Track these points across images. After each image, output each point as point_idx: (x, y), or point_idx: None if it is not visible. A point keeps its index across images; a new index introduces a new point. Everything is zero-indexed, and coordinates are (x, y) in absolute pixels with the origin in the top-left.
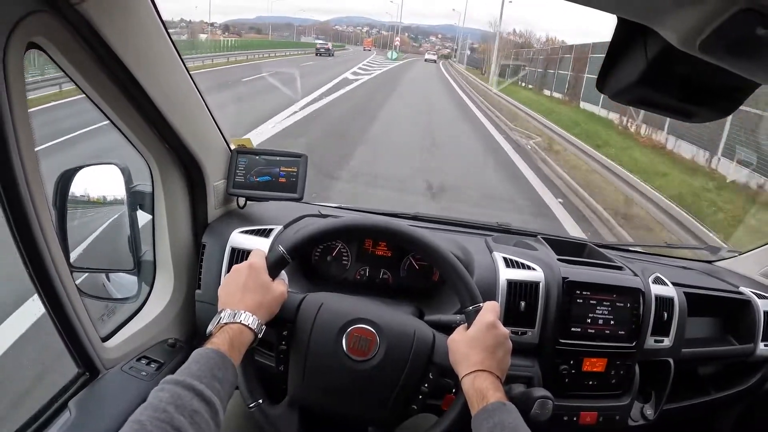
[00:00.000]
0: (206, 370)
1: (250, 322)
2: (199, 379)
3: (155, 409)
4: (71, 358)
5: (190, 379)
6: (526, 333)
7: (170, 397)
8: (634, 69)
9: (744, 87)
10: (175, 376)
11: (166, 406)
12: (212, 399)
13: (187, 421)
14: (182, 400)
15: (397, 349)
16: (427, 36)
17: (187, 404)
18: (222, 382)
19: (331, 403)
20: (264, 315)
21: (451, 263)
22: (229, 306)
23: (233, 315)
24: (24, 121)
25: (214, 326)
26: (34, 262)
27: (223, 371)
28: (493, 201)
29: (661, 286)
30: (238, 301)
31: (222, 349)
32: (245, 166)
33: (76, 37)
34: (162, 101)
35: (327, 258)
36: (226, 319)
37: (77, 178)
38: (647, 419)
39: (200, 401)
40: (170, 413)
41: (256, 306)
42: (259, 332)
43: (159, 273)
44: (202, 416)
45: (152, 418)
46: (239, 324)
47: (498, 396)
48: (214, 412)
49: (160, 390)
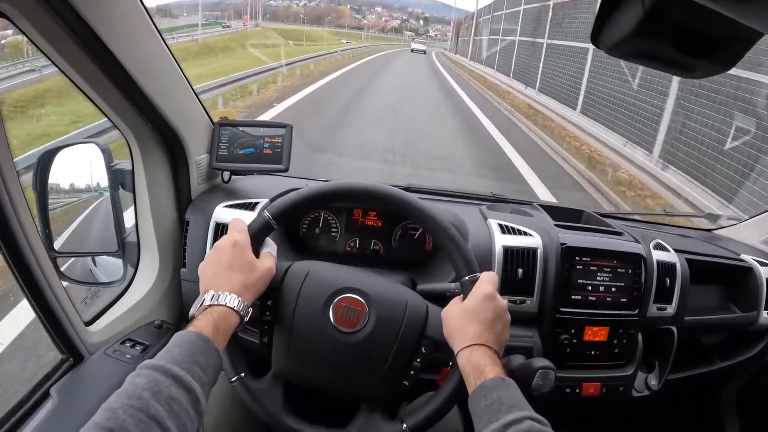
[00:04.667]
0: (187, 355)
1: (236, 305)
2: (179, 364)
3: (130, 396)
4: (53, 343)
5: (169, 365)
6: (525, 302)
7: (147, 383)
8: (630, 19)
9: (746, 37)
10: (153, 361)
11: (141, 392)
12: (192, 385)
13: (164, 408)
14: (159, 386)
15: (388, 320)
16: (373, 7)
17: (165, 391)
18: (204, 368)
19: (318, 378)
20: (250, 296)
21: (446, 229)
22: (212, 287)
23: (217, 297)
24: None
25: (196, 309)
26: (9, 247)
27: (205, 356)
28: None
29: (663, 252)
30: (223, 282)
31: (205, 333)
32: (228, 138)
33: (44, 5)
34: (138, 72)
35: (315, 230)
36: (210, 301)
37: (57, 159)
38: (651, 389)
39: (179, 388)
40: (146, 400)
41: (241, 287)
42: (245, 315)
43: (143, 253)
44: (180, 404)
45: (126, 405)
46: (224, 306)
47: (496, 371)
48: (194, 399)
49: (136, 375)
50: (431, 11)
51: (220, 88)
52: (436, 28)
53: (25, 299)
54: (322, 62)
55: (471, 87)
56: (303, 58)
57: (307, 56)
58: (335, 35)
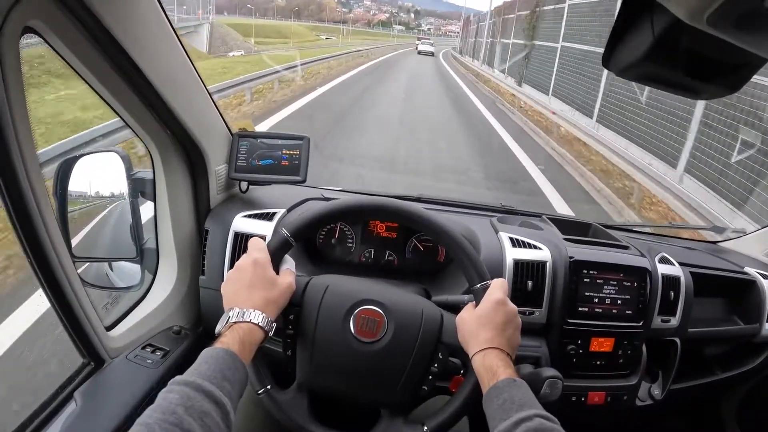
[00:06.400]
0: (216, 371)
1: (260, 321)
2: (209, 379)
3: (164, 411)
4: (75, 348)
5: (200, 380)
6: (534, 313)
7: (179, 398)
8: (640, 45)
9: (752, 62)
10: (184, 377)
11: (175, 407)
12: (222, 400)
13: (197, 423)
14: (192, 401)
15: (406, 329)
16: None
17: (197, 406)
18: (232, 383)
19: (341, 387)
20: (273, 311)
21: (457, 241)
22: (236, 305)
23: (242, 314)
24: (22, 109)
25: (222, 326)
26: (35, 252)
27: (233, 371)
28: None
29: (668, 265)
30: (246, 299)
31: (232, 349)
32: (247, 149)
33: (72, 20)
34: (161, 84)
35: (331, 240)
36: (235, 318)
37: (77, 166)
38: (655, 399)
39: (210, 402)
40: (179, 415)
41: (264, 303)
42: (269, 330)
43: (162, 260)
44: (212, 418)
45: (161, 420)
46: (249, 323)
47: (508, 372)
48: (224, 413)
49: (168, 391)
50: (421, 4)
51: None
52: (428, 22)
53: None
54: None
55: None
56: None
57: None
58: (311, 30)
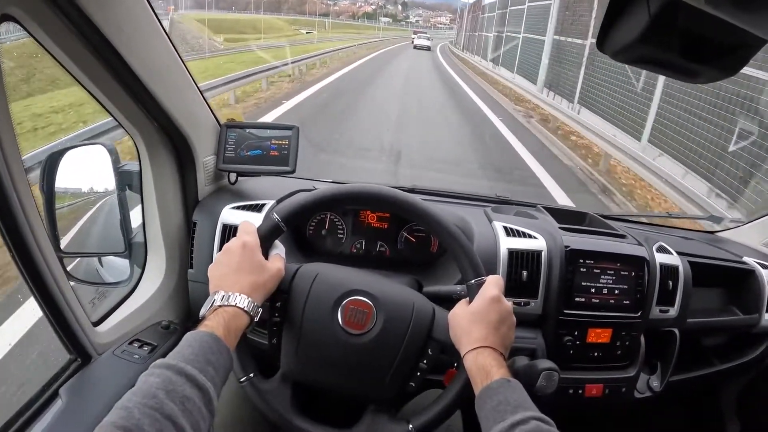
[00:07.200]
0: (200, 355)
1: (246, 305)
2: (192, 363)
3: (144, 395)
4: (62, 344)
5: (183, 364)
6: (529, 304)
7: (161, 382)
8: (636, 25)
9: (750, 43)
10: (166, 360)
11: (155, 391)
12: (205, 385)
13: (179, 407)
14: (173, 385)
15: (395, 322)
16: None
17: (179, 390)
18: (216, 368)
19: (326, 378)
20: (260, 297)
21: (453, 233)
22: (222, 288)
23: (227, 297)
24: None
25: (206, 309)
26: (18, 247)
27: (217, 356)
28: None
29: (666, 254)
30: (233, 283)
31: (217, 333)
32: (235, 140)
33: (53, 8)
34: (145, 74)
35: (322, 232)
36: (220, 302)
37: (64, 160)
38: (653, 391)
39: (192, 387)
40: (160, 399)
41: (251, 287)
42: (255, 315)
43: (150, 254)
44: (194, 403)
45: (141, 404)
46: (234, 307)
47: (502, 373)
48: (207, 398)
49: (149, 375)
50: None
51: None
52: (417, 14)
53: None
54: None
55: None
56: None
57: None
58: (291, 24)
